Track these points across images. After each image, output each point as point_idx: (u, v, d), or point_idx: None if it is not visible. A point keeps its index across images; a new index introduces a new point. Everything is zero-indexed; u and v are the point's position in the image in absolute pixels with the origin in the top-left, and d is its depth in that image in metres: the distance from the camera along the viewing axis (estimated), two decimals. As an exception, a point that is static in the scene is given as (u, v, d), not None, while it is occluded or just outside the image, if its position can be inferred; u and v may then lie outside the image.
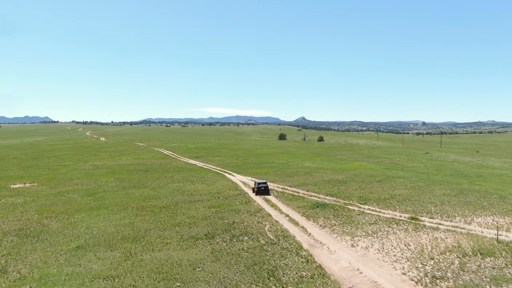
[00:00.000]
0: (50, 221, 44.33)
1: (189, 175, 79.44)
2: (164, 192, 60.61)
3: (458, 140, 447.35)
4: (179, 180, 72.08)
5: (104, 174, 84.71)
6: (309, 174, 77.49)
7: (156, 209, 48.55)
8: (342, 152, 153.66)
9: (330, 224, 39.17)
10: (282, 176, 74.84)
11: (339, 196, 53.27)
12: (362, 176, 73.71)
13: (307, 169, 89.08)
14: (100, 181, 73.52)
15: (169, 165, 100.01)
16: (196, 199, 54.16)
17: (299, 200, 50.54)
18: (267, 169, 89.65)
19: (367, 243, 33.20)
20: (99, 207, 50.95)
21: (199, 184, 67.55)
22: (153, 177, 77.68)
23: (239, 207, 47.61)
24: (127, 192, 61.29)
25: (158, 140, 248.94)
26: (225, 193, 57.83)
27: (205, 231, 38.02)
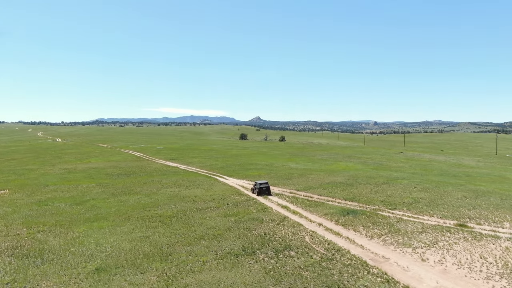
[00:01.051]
0: (45, 236, 38.48)
1: (178, 178, 74.14)
2: (161, 198, 55.38)
3: (414, 139, 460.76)
4: (170, 185, 66.77)
5: (81, 178, 77.81)
6: (305, 176, 74.19)
7: (164, 219, 43.52)
8: (316, 152, 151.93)
9: (376, 233, 35.83)
10: (279, 179, 71.09)
11: (359, 200, 50.17)
12: (362, 178, 71.27)
13: (297, 170, 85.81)
14: (81, 187, 66.99)
15: (149, 168, 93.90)
16: (203, 206, 49.43)
17: (320, 206, 46.95)
18: (257, 171, 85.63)
19: (436, 256, 30.08)
20: (97, 218, 45.24)
21: (195, 189, 62.64)
22: (138, 181, 71.83)
23: (259, 215, 43.43)
24: (120, 199, 55.55)
25: (120, 141, 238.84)
26: (230, 199, 53.39)
27: (239, 245, 33.68)
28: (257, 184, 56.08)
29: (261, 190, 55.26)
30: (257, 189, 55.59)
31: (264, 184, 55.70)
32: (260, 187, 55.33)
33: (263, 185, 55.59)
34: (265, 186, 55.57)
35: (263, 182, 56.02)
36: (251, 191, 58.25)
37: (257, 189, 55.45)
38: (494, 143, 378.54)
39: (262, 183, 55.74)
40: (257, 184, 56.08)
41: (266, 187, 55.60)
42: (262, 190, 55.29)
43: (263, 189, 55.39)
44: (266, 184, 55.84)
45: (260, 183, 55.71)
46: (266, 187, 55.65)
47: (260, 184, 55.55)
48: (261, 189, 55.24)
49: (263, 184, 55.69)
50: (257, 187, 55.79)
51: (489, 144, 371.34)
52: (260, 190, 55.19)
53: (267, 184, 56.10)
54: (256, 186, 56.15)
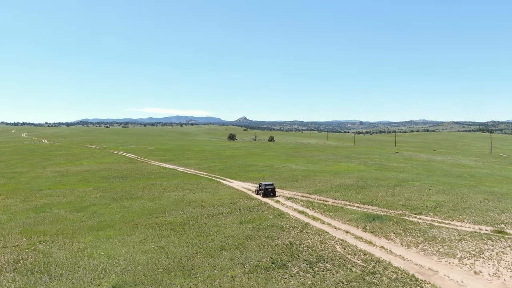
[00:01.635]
0: (49, 248, 35.27)
1: (179, 181, 71.08)
2: (166, 203, 52.33)
3: (402, 138, 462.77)
4: (172, 188, 63.71)
5: (76, 182, 74.25)
6: (310, 178, 71.71)
7: (176, 226, 40.54)
8: (311, 152, 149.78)
9: (412, 242, 33.37)
10: (285, 181, 68.48)
11: (379, 204, 47.73)
12: (371, 180, 69.05)
13: (300, 172, 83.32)
14: (78, 192, 63.55)
15: (145, 170, 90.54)
16: (213, 212, 46.53)
17: (340, 211, 44.38)
18: (259, 172, 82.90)
19: (489, 268, 27.71)
20: (102, 226, 42.07)
21: (200, 192, 59.69)
22: (138, 185, 68.58)
23: (277, 222, 40.72)
24: (122, 205, 52.35)
25: (108, 142, 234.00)
26: (241, 204, 50.58)
27: (266, 256, 30.93)
28: (262, 185, 55.37)
29: (267, 191, 54.51)
30: (262, 190, 54.87)
31: (270, 185, 55.03)
32: (266, 188, 54.60)
33: (269, 186, 54.94)
34: (270, 187, 54.93)
35: (268, 184, 55.36)
36: (255, 193, 57.51)
37: (262, 190, 54.73)
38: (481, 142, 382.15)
39: (268, 184, 55.03)
40: (262, 185, 55.37)
41: (271, 188, 54.96)
42: (267, 191, 54.55)
43: (268, 190, 54.65)
44: (271, 186, 55.20)
45: (265, 184, 54.99)
46: (272, 188, 54.98)
47: (265, 185, 54.82)
48: (266, 190, 54.49)
49: (268, 185, 54.99)
50: (262, 188, 55.12)
51: (476, 143, 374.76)
52: (266, 192, 54.44)
53: (272, 185, 55.47)
54: (261, 187, 55.45)
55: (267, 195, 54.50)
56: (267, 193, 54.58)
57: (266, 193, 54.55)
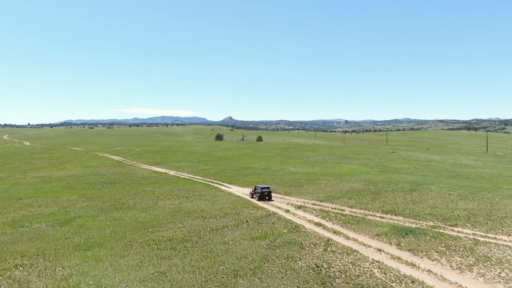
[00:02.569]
0: (26, 274, 29.45)
1: (173, 187, 65.38)
2: (162, 214, 46.66)
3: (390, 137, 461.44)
4: (167, 196, 58.01)
5: (59, 189, 68.05)
6: (316, 183, 66.59)
7: (176, 244, 34.96)
8: (306, 153, 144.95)
9: (463, 264, 28.20)
10: (289, 186, 63.23)
11: (404, 214, 42.56)
12: (382, 184, 64.19)
13: (301, 175, 78.19)
14: (61, 201, 57.49)
15: (134, 174, 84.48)
16: (217, 225, 41.03)
17: (363, 223, 39.15)
18: (257, 176, 77.53)
19: None
20: (90, 244, 36.27)
21: (198, 200, 54.09)
22: (128, 192, 62.70)
23: (294, 237, 35.35)
24: (112, 217, 46.50)
25: (93, 144, 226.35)
26: (247, 214, 45.16)
27: (292, 285, 25.58)
28: (258, 188, 53.91)
29: (262, 195, 52.92)
30: (258, 194, 53.24)
31: (266, 189, 53.53)
32: (262, 192, 53.03)
33: (265, 189, 53.42)
34: (266, 190, 53.36)
35: (264, 187, 53.92)
36: (249, 195, 55.63)
37: (258, 194, 53.10)
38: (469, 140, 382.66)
39: (264, 188, 53.63)
40: (258, 188, 53.91)
41: (267, 191, 53.35)
42: (263, 194, 52.98)
43: (264, 193, 53.09)
44: (267, 189, 53.66)
45: (261, 187, 53.54)
46: (268, 191, 53.37)
47: (261, 189, 53.33)
48: (262, 194, 52.93)
49: (264, 188, 53.55)
50: (258, 191, 53.53)
51: (465, 141, 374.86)
52: (261, 195, 52.86)
53: (268, 188, 53.90)
54: (257, 191, 53.90)
55: (262, 198, 52.77)
56: (262, 197, 52.86)
57: (261, 197, 52.83)
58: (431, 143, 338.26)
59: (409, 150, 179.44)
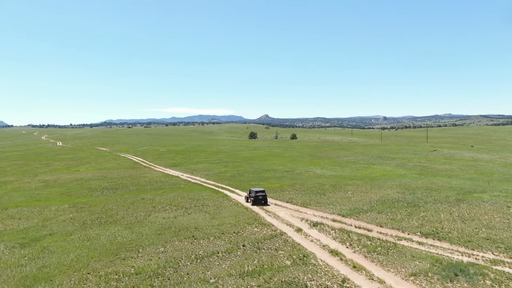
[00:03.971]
0: None
1: (177, 195, 57.29)
2: (147, 232, 38.40)
3: (431, 134, 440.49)
4: (164, 207, 49.88)
5: (55, 196, 61.42)
6: (341, 190, 56.82)
7: (141, 282, 26.44)
8: (338, 152, 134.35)
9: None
10: (309, 194, 53.80)
11: (451, 239, 31.94)
12: (421, 191, 53.59)
13: (326, 179, 68.49)
14: (47, 211, 50.44)
15: (144, 178, 77.17)
16: (206, 250, 32.29)
17: (394, 253, 29.17)
18: (276, 180, 68.42)
19: None
20: (39, 277, 28.33)
21: (197, 213, 45.58)
22: (125, 201, 55.08)
23: (298, 275, 26.05)
24: (88, 235, 38.61)
25: (123, 144, 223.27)
26: (247, 234, 36.24)
27: None
28: (252, 192, 49.75)
29: (257, 199, 48.99)
30: (252, 198, 49.30)
31: (261, 193, 49.38)
32: (256, 196, 49.02)
33: (259, 193, 49.27)
34: (261, 194, 49.22)
35: (259, 190, 49.72)
36: (245, 200, 51.84)
37: (253, 198, 49.14)
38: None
39: (258, 191, 49.48)
40: (252, 192, 49.75)
41: (262, 195, 49.23)
42: (257, 199, 49.03)
43: (259, 197, 49.09)
44: (262, 193, 49.47)
45: (256, 191, 49.42)
46: (263, 195, 49.26)
47: (256, 192, 49.26)
48: (256, 198, 48.98)
49: (259, 192, 49.39)
50: (252, 195, 49.46)
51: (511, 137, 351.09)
52: (256, 199, 48.93)
53: (263, 192, 49.65)
54: (251, 194, 49.85)
55: (257, 203, 48.83)
56: (257, 201, 48.91)
57: (256, 201, 48.89)
58: (475, 140, 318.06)
59: (452, 147, 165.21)
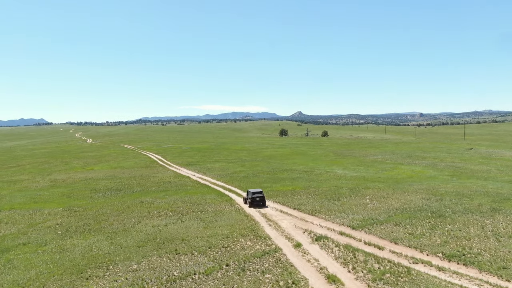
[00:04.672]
0: None
1: (178, 198, 52.77)
2: (128, 244, 33.88)
3: (469, 130, 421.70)
4: (160, 211, 45.41)
5: (55, 198, 58.20)
6: (359, 194, 50.73)
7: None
8: (366, 150, 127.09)
9: None
10: (321, 199, 48.06)
11: (479, 264, 25.31)
12: (450, 197, 46.76)
13: (346, 182, 62.49)
14: (38, 215, 47.01)
15: (153, 178, 73.27)
16: (184, 269, 27.40)
17: (406, 281, 23.46)
18: (290, 182, 62.94)
19: None
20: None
21: (192, 220, 40.80)
22: (122, 204, 51.01)
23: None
24: (63, 246, 34.47)
25: (150, 141, 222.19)
26: (238, 249, 31.13)
27: None
28: (249, 193, 47.63)
29: (254, 201, 46.81)
30: (249, 200, 47.14)
31: (258, 194, 47.30)
32: (253, 197, 46.83)
33: (257, 194, 47.13)
34: (258, 196, 47.11)
35: (256, 191, 47.53)
36: (243, 201, 49.47)
37: (249, 199, 47.01)
38: None
39: (256, 193, 47.35)
40: (249, 193, 47.63)
41: (260, 197, 47.06)
42: (255, 200, 46.86)
43: (256, 199, 46.88)
44: (260, 194, 47.38)
45: (253, 192, 47.30)
46: (260, 197, 47.10)
47: (253, 194, 47.12)
48: (253, 200, 46.80)
49: (256, 193, 47.24)
50: (249, 197, 47.38)
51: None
52: (253, 201, 46.77)
53: (261, 193, 47.54)
54: (248, 196, 47.79)
55: (255, 205, 46.76)
56: (254, 203, 46.76)
57: (253, 203, 46.74)
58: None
59: (491, 146, 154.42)
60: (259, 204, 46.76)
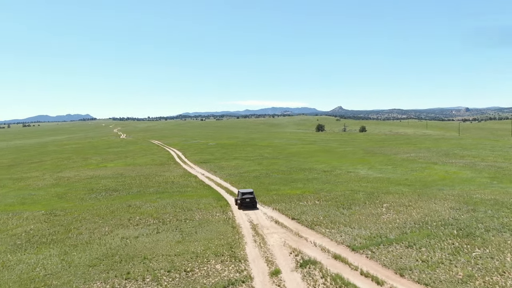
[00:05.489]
0: None
1: (170, 202, 47.02)
2: (78, 262, 28.30)
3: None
4: (142, 218, 39.79)
5: (45, 199, 54.19)
6: (376, 202, 43.15)
7: None
8: (400, 147, 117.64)
9: None
10: (327, 208, 40.86)
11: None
12: (486, 207, 38.22)
13: (365, 184, 54.92)
14: (15, 219, 42.83)
15: (158, 177, 68.18)
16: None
17: None
18: (302, 184, 55.98)
19: None
20: None
21: (168, 232, 34.81)
22: (109, 207, 45.94)
23: None
24: (6, 262, 29.39)
25: (180, 136, 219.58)
26: (198, 277, 24.79)
27: None
28: (239, 194, 43.80)
29: (244, 202, 42.63)
30: (238, 201, 43.28)
31: (248, 195, 43.02)
32: (243, 198, 42.74)
33: (246, 195, 42.91)
34: (248, 197, 42.80)
35: (246, 192, 43.44)
36: (234, 202, 45.27)
37: (239, 201, 43.07)
38: None
39: (245, 193, 43.28)
40: (239, 194, 43.80)
41: (250, 198, 42.76)
42: (244, 201, 42.65)
43: (246, 200, 42.70)
44: (250, 194, 43.07)
45: (242, 193, 43.37)
46: (250, 198, 42.78)
47: (242, 194, 43.16)
48: (243, 201, 42.67)
49: (246, 194, 43.11)
50: (238, 198, 43.45)
51: None
52: (243, 202, 42.66)
53: (251, 194, 43.18)
54: (238, 197, 43.85)
55: (244, 206, 42.48)
56: (243, 204, 42.45)
57: (243, 204, 42.45)
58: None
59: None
60: (249, 206, 42.51)
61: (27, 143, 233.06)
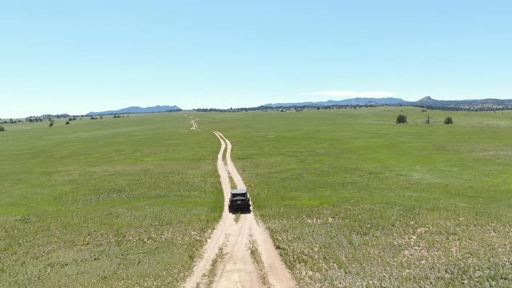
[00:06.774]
0: None
1: (156, 211, 39.14)
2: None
3: None
4: (102, 234, 32.49)
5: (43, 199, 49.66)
6: (408, 223, 31.53)
7: None
8: (480, 142, 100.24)
9: None
10: (337, 234, 30.09)
11: None
12: None
13: (411, 195, 42.92)
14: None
15: (177, 176, 61.04)
16: None
17: None
18: (330, 191, 45.15)
19: None
20: None
21: (108, 258, 26.77)
22: (87, 215, 39.34)
23: None
24: None
25: (245, 128, 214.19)
26: None
27: None
28: (230, 196, 38.82)
29: (234, 204, 37.33)
30: (228, 203, 38.59)
31: (240, 196, 37.54)
32: (233, 200, 37.40)
33: (238, 197, 37.46)
34: (239, 199, 37.29)
35: (238, 193, 38.17)
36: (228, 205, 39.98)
37: (229, 203, 38.22)
38: None
39: (237, 194, 37.84)
40: (230, 196, 38.82)
41: (241, 200, 37.28)
42: (235, 204, 37.33)
43: (237, 202, 37.29)
44: (242, 196, 37.62)
45: (234, 194, 38.17)
46: (242, 200, 37.30)
47: (233, 196, 37.85)
48: (233, 203, 37.32)
49: (237, 196, 37.67)
50: (230, 199, 38.33)
51: None
52: (232, 204, 37.37)
53: (243, 195, 37.71)
54: (229, 198, 38.70)
55: (234, 209, 37.33)
56: (234, 206, 37.35)
57: (232, 206, 37.43)
58: None
59: None
60: (240, 208, 37.41)
61: (101, 134, 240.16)
